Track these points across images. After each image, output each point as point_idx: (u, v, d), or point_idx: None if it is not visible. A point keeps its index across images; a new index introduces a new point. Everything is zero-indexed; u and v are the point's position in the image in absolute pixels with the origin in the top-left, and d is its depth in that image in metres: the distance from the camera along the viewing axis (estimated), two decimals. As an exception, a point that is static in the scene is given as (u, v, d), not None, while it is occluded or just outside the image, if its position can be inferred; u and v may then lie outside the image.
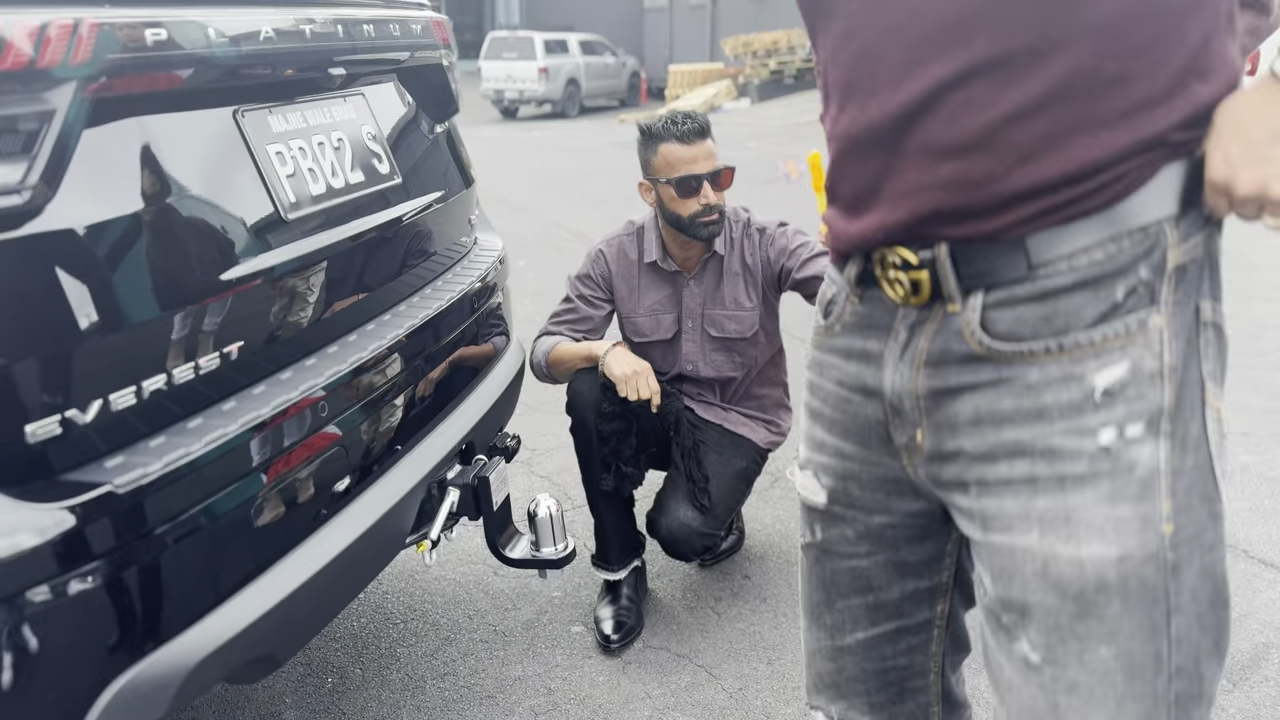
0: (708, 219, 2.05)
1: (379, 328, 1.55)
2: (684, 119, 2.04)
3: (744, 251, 2.17)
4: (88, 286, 1.04)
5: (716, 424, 2.24)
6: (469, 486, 1.61)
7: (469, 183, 2.04)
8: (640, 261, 2.20)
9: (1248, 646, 1.99)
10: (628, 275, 2.21)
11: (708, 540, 2.12)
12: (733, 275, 2.17)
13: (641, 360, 2.03)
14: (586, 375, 2.08)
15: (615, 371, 1.99)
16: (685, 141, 2.02)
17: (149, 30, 1.12)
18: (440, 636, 2.17)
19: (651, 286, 2.20)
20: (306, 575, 1.27)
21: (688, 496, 2.10)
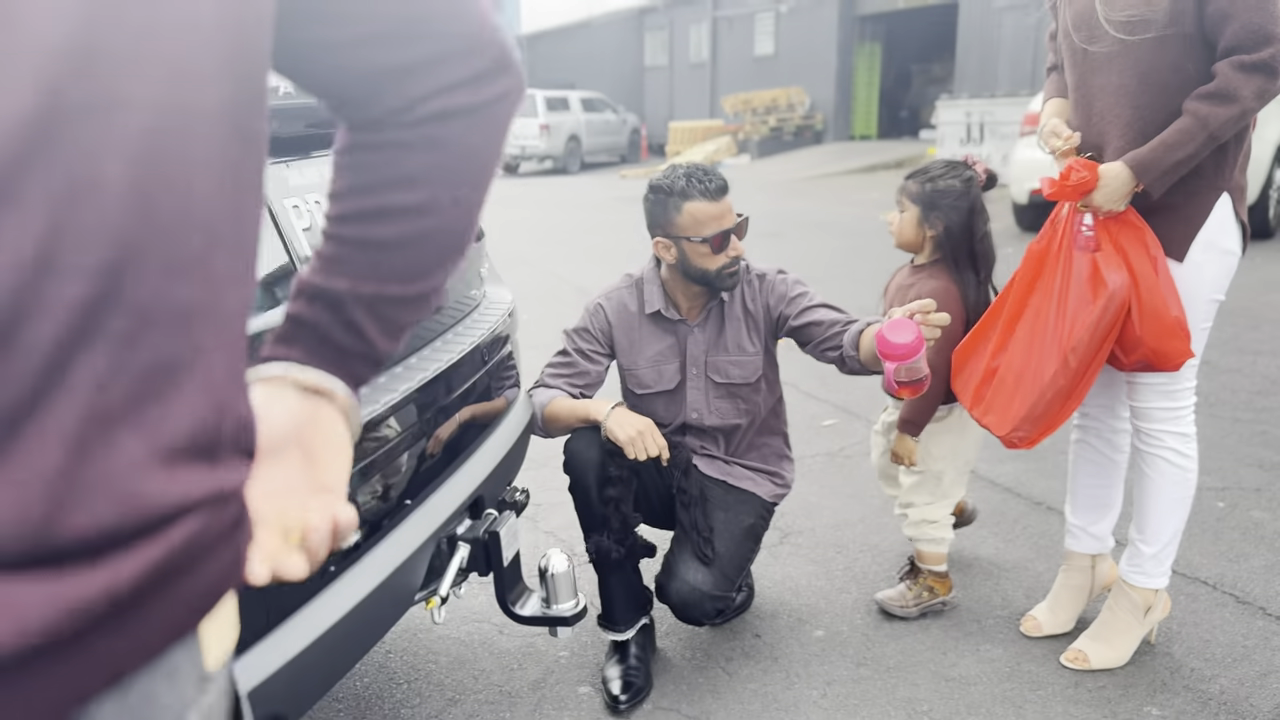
0: (732, 269, 2.07)
1: (390, 380, 1.54)
2: (705, 176, 2.04)
3: (745, 297, 2.16)
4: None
5: (720, 479, 2.21)
6: (479, 541, 1.58)
7: (479, 236, 2.04)
8: (641, 313, 2.19)
9: (1270, 706, 1.94)
10: (629, 328, 2.20)
11: (720, 603, 2.08)
12: (735, 321, 2.16)
13: (643, 418, 2.00)
14: (585, 434, 2.05)
15: (620, 435, 1.95)
16: (713, 199, 2.02)
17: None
18: (445, 698, 2.12)
19: (653, 337, 2.19)
20: (315, 634, 1.24)
21: (695, 555, 2.06)
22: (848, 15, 19.61)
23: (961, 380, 2.15)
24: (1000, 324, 2.09)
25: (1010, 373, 2.03)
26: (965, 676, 2.10)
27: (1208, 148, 1.78)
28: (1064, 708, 1.98)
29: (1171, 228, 1.89)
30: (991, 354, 2.08)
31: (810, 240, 8.55)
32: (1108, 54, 1.88)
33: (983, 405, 2.08)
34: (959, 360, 2.16)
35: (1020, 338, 2.03)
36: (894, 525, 2.84)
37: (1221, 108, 1.74)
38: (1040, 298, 2.00)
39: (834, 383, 4.25)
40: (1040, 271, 2.02)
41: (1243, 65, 1.73)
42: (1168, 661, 2.12)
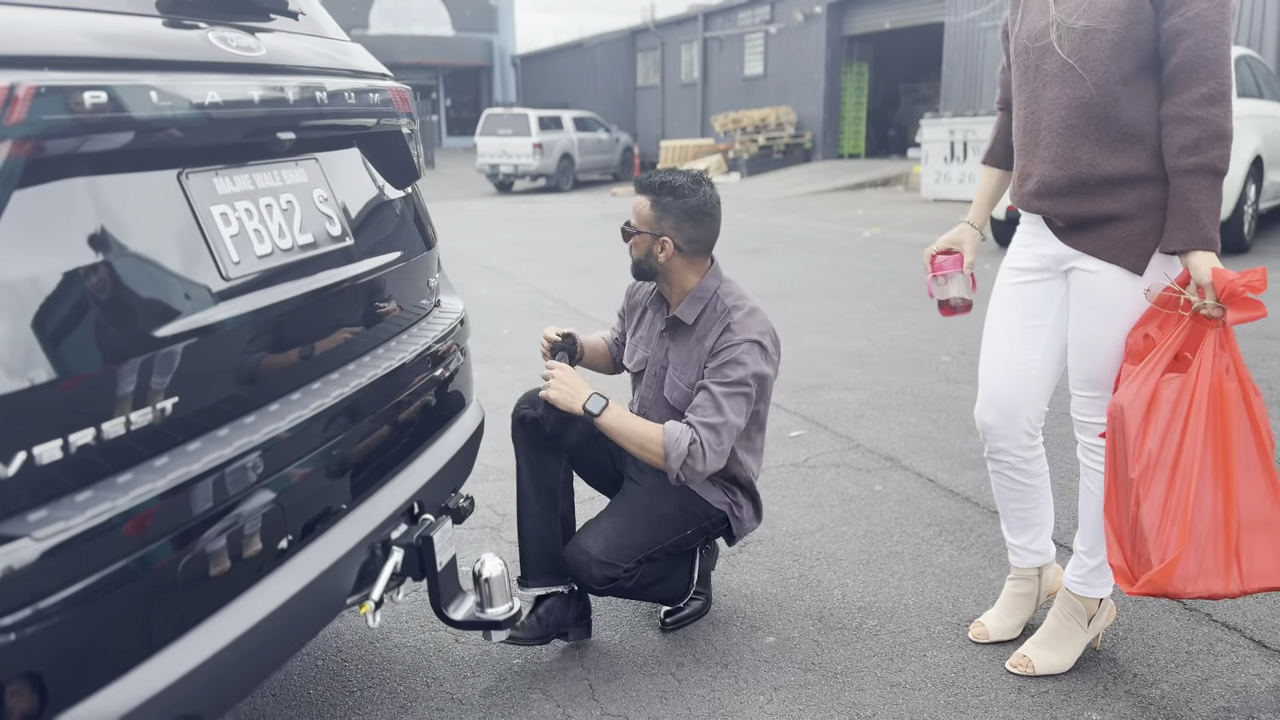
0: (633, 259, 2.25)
1: (324, 386, 1.56)
2: (645, 175, 2.22)
3: (708, 332, 2.18)
4: (12, 341, 1.05)
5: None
6: (413, 547, 1.60)
7: (429, 246, 2.07)
8: (652, 290, 2.36)
9: (1208, 711, 1.96)
10: (638, 303, 2.40)
11: (606, 571, 2.10)
12: (689, 351, 2.21)
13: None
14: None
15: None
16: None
17: (88, 94, 1.16)
18: (397, 704, 2.13)
19: (646, 320, 2.34)
20: (233, 635, 1.25)
21: (601, 526, 2.15)
22: (835, 35, 19.79)
23: (1191, 564, 1.77)
24: (1211, 475, 1.78)
25: (1255, 518, 1.77)
26: (910, 682, 2.12)
27: (1222, 183, 1.80)
28: (1005, 713, 1.99)
29: (1129, 241, 1.89)
30: (1224, 512, 1.77)
31: (791, 256, 8.60)
32: (1060, 66, 1.90)
33: (1239, 571, 1.77)
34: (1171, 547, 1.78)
35: (1248, 480, 1.78)
36: (851, 534, 2.86)
37: (1216, 149, 1.77)
38: (1241, 430, 1.78)
39: (804, 395, 4.28)
40: (1227, 407, 1.78)
41: (1209, 99, 1.76)
42: (1111, 667, 2.14)
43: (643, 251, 2.20)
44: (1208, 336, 1.78)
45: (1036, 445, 2.13)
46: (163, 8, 1.43)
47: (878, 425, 3.83)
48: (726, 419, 2.07)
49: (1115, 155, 1.87)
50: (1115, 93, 1.85)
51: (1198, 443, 1.76)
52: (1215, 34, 1.75)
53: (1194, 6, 1.76)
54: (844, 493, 3.17)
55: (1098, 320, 1.94)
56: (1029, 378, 2.08)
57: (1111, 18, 1.82)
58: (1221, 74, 1.76)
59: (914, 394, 4.23)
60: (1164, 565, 1.73)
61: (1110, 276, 1.91)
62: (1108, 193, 1.89)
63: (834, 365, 4.77)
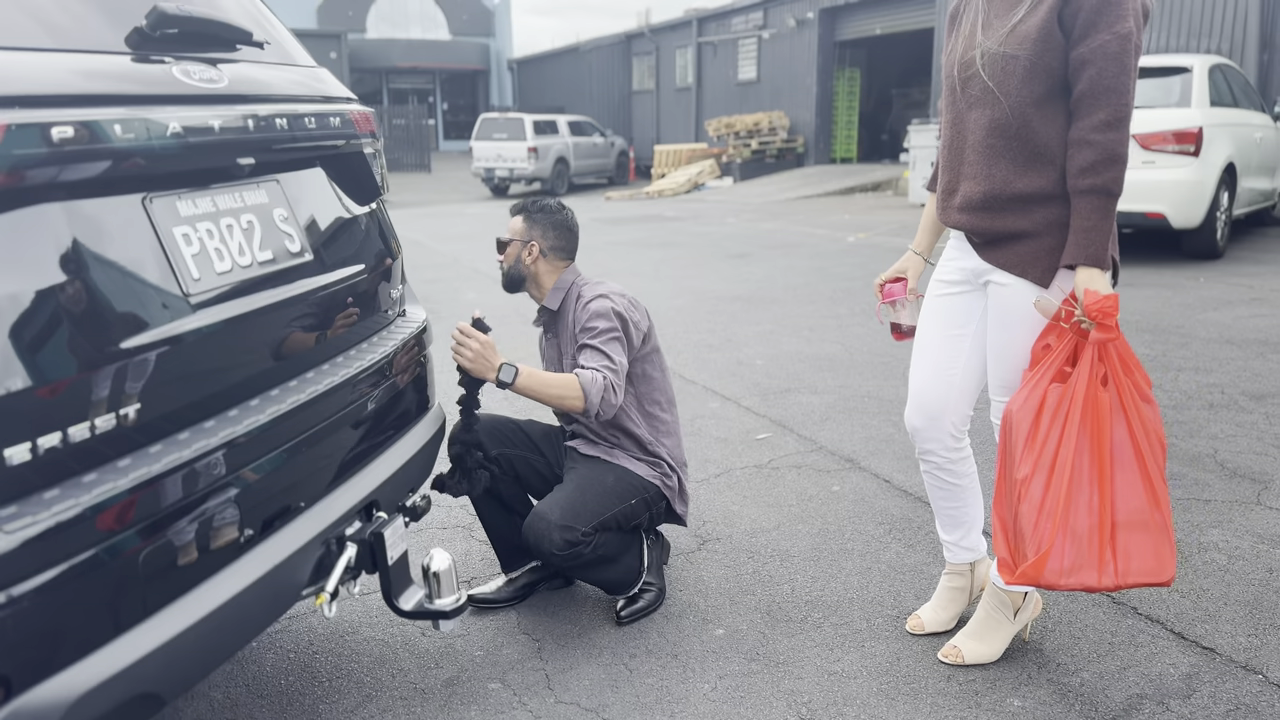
0: (503, 270, 2.60)
1: (283, 392, 1.68)
2: (513, 204, 2.62)
3: (569, 311, 2.55)
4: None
5: (599, 457, 2.55)
6: (365, 543, 1.72)
7: (392, 258, 2.19)
8: (540, 317, 2.68)
9: (1123, 698, 2.08)
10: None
11: (566, 534, 2.30)
12: (561, 334, 2.59)
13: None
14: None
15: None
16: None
17: (55, 129, 1.28)
18: (362, 694, 2.25)
19: (543, 344, 2.69)
20: (189, 622, 1.37)
21: (554, 498, 2.38)
22: (827, 41, 19.93)
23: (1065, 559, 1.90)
24: (1090, 478, 1.91)
25: (1132, 519, 1.91)
26: (847, 671, 2.24)
27: (1116, 204, 1.93)
28: (933, 700, 2.11)
29: (1036, 256, 2.01)
30: (1099, 512, 1.90)
31: (775, 261, 8.73)
32: (982, 89, 2.02)
33: (1115, 568, 1.90)
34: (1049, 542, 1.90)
35: (1125, 482, 1.92)
36: (805, 532, 2.98)
37: (1110, 172, 1.89)
38: (1122, 436, 1.92)
39: (774, 399, 4.40)
40: (1101, 414, 1.91)
41: (1107, 124, 1.88)
42: (1037, 657, 2.26)
43: (513, 258, 2.57)
44: (1087, 348, 1.91)
45: (962, 447, 2.26)
46: (131, 43, 1.55)
47: (842, 428, 3.95)
48: (614, 361, 2.40)
49: (1027, 174, 2.00)
50: (1028, 115, 1.97)
51: (1072, 447, 1.89)
52: (1115, 64, 1.87)
53: (1097, 38, 1.88)
54: (803, 493, 3.30)
55: (1010, 331, 2.07)
56: (953, 384, 2.21)
57: (1025, 45, 1.95)
58: (1119, 101, 1.88)
59: (879, 398, 4.35)
60: (1037, 558, 1.87)
61: (1020, 289, 2.03)
62: (1019, 210, 2.01)
63: (806, 369, 4.89)
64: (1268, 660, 2.19)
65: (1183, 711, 2.02)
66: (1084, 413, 1.90)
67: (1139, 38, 1.91)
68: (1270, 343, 5.02)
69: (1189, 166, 7.02)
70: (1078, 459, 1.90)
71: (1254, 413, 3.91)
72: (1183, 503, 3.08)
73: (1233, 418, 3.86)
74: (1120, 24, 1.87)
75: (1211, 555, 2.71)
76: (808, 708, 2.10)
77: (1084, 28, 1.90)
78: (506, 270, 2.59)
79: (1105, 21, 1.87)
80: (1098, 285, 1.91)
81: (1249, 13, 11.48)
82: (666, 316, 6.32)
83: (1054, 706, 2.07)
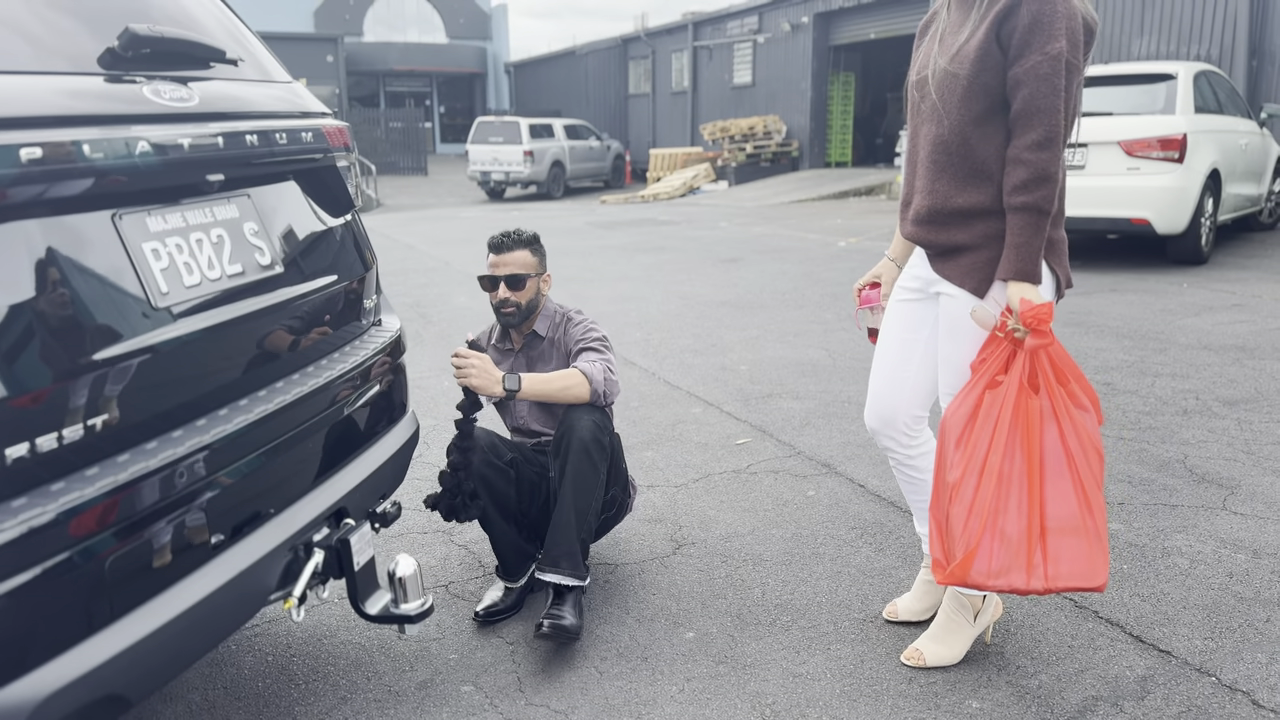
0: (504, 310, 2.64)
1: (251, 402, 1.72)
2: (501, 235, 2.63)
3: (560, 335, 2.69)
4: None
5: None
6: (332, 548, 1.76)
7: (366, 268, 2.24)
8: (489, 342, 2.81)
9: (1078, 699, 2.12)
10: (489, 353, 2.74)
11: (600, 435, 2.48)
12: (544, 352, 2.70)
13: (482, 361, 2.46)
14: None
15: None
16: (492, 251, 2.64)
17: (24, 150, 1.32)
18: (337, 696, 2.29)
19: (499, 363, 2.76)
20: (156, 624, 1.42)
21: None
22: (822, 45, 20.01)
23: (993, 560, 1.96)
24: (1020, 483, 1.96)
25: (1063, 524, 1.96)
26: (812, 673, 2.28)
27: (1049, 220, 1.98)
28: (894, 702, 2.16)
29: (974, 268, 2.08)
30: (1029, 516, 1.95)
31: (765, 265, 8.77)
32: (931, 105, 2.10)
33: (1044, 571, 1.95)
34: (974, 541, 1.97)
35: (1057, 487, 1.97)
36: (778, 537, 3.03)
37: (1041, 190, 1.95)
38: (1054, 443, 1.98)
39: (755, 404, 4.45)
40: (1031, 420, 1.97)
41: (1042, 143, 1.94)
42: (998, 659, 2.31)
43: (534, 291, 2.65)
44: (1018, 357, 1.97)
45: (918, 444, 2.33)
46: (103, 64, 1.60)
47: (821, 433, 4.00)
48: (610, 358, 2.59)
49: (966, 190, 2.06)
50: (967, 132, 2.04)
51: (1001, 452, 1.95)
52: (1046, 85, 1.92)
53: (1030, 60, 1.93)
54: (779, 498, 3.34)
55: (956, 340, 2.13)
56: (905, 387, 2.29)
57: (965, 64, 2.01)
58: (1050, 121, 1.93)
59: (859, 403, 4.40)
60: (963, 557, 1.94)
61: (964, 301, 2.10)
62: (959, 224, 2.08)
63: (789, 374, 4.94)
64: (1221, 663, 2.24)
65: (1136, 713, 2.07)
66: (1014, 418, 1.96)
67: (1075, 55, 1.95)
68: (1247, 349, 5.08)
69: (1173, 173, 7.08)
70: (1007, 463, 1.95)
71: (1226, 418, 3.96)
72: (1150, 508, 3.13)
73: (1205, 423, 3.91)
74: (1051, 44, 1.91)
75: (1174, 560, 2.76)
76: (771, 709, 2.15)
77: (1018, 48, 1.95)
78: (525, 305, 2.63)
79: (1038, 42, 1.92)
80: (1030, 296, 1.97)
81: (1238, 19, 11.54)
82: (655, 321, 6.37)
83: (1011, 708, 2.11)
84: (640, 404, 4.49)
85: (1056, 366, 1.98)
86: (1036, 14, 1.92)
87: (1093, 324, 5.78)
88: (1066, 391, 1.99)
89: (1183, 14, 12.20)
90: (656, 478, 3.57)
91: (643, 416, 4.30)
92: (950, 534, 1.99)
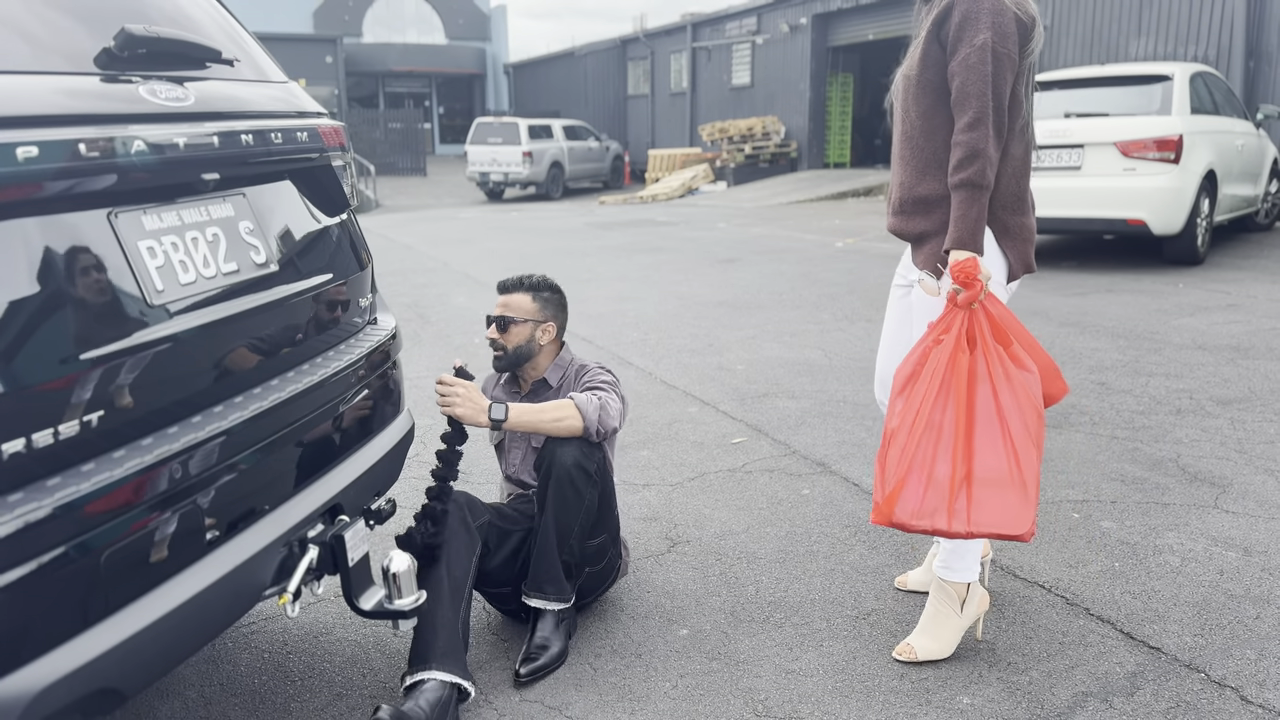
0: (494, 351, 2.56)
1: (246, 400, 1.74)
2: (512, 278, 2.58)
3: (567, 385, 2.57)
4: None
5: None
6: (326, 545, 1.78)
7: (361, 267, 2.26)
8: (497, 384, 2.70)
9: (1068, 695, 2.14)
10: (489, 389, 2.72)
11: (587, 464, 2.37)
12: (550, 399, 2.54)
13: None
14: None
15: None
16: (499, 291, 2.59)
17: (20, 149, 1.34)
18: (333, 692, 2.31)
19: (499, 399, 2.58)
20: (151, 619, 1.43)
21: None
22: (820, 46, 20.04)
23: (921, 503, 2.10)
24: (950, 433, 2.09)
25: (989, 475, 2.08)
26: (804, 670, 2.30)
27: (987, 194, 2.14)
28: (886, 698, 2.18)
29: (934, 252, 2.26)
30: (955, 464, 2.08)
31: (762, 266, 8.79)
32: (900, 105, 2.32)
33: (967, 517, 2.08)
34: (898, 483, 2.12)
35: (986, 440, 2.09)
36: (773, 535, 3.04)
37: (973, 166, 2.11)
38: (985, 398, 2.10)
39: (751, 404, 4.46)
40: (960, 376, 2.10)
41: (972, 124, 2.12)
42: (989, 656, 2.32)
43: (523, 338, 2.54)
44: (957, 318, 2.14)
45: None
46: (99, 64, 1.61)
47: (816, 432, 4.02)
48: (614, 394, 2.46)
49: (925, 180, 2.25)
50: (919, 126, 2.25)
51: (931, 402, 2.10)
52: (974, 74, 2.11)
53: (960, 53, 2.13)
54: (773, 496, 3.36)
55: (924, 323, 2.29)
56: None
57: (913, 65, 2.24)
58: (979, 104, 2.11)
59: (854, 403, 4.42)
60: (889, 494, 2.09)
61: (931, 286, 2.30)
62: (922, 212, 2.27)
63: (785, 374, 4.96)
64: (1210, 659, 2.26)
65: (1125, 709, 2.08)
66: (947, 373, 2.12)
67: (1004, 45, 2.11)
68: (1242, 349, 5.10)
69: (1169, 174, 7.10)
70: (939, 414, 2.10)
71: (1219, 418, 3.98)
72: (1142, 506, 3.14)
73: (1198, 423, 3.93)
74: (977, 36, 2.10)
75: (1165, 558, 2.78)
76: (764, 705, 2.16)
77: (952, 45, 2.16)
78: (512, 350, 2.53)
79: (966, 37, 2.12)
80: (969, 269, 2.12)
81: (1235, 20, 11.57)
82: (652, 322, 6.39)
83: (1002, 704, 2.13)
84: (637, 403, 4.51)
85: (997, 328, 2.13)
86: (965, 13, 2.12)
87: (1088, 324, 5.80)
88: (1008, 353, 2.13)
89: (1180, 15, 12.22)
90: (652, 476, 3.58)
91: (639, 416, 4.32)
92: (885, 477, 2.14)
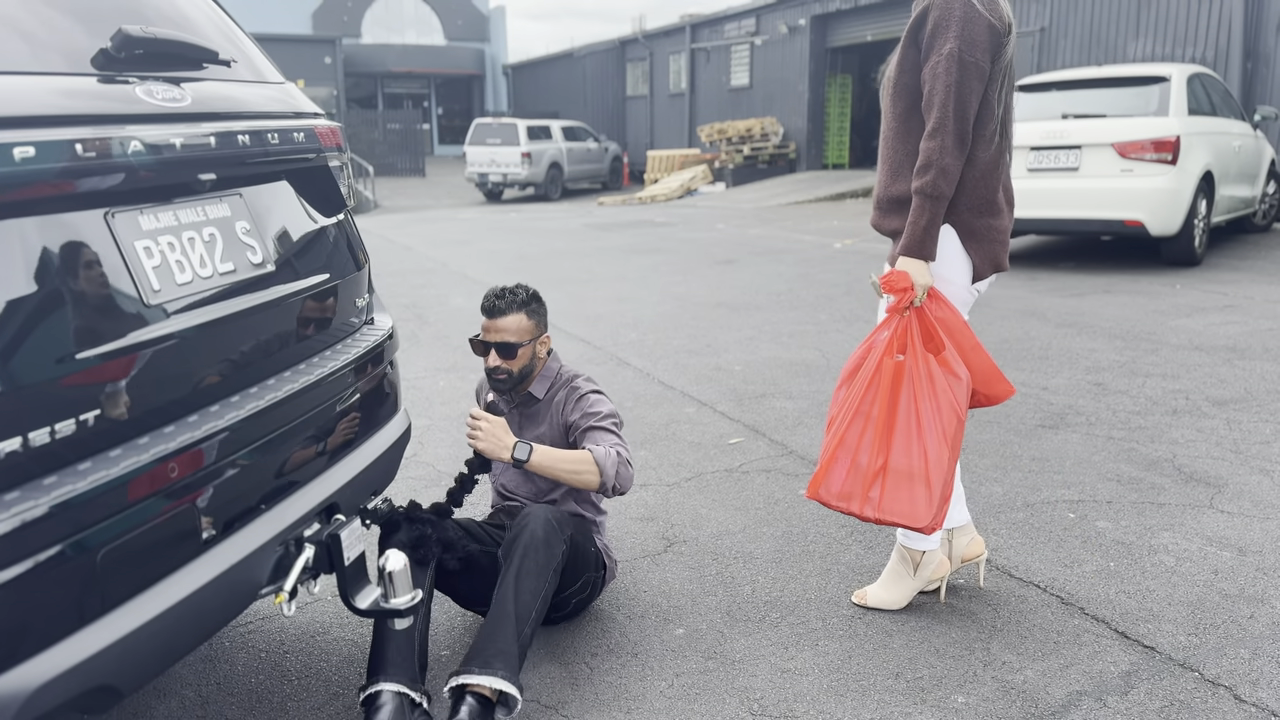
0: (496, 375, 2.49)
1: (243, 399, 1.74)
2: (497, 297, 2.47)
3: (557, 401, 2.52)
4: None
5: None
6: (322, 544, 1.78)
7: (358, 267, 2.26)
8: (482, 396, 2.67)
9: (1063, 695, 2.15)
10: (482, 396, 2.68)
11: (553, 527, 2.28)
12: (538, 417, 2.55)
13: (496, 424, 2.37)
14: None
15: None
16: (486, 315, 2.49)
17: (18, 149, 1.35)
18: (329, 692, 2.31)
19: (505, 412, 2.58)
20: (148, 616, 1.44)
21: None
22: (819, 48, 20.05)
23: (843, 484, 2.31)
24: (875, 426, 2.28)
25: (901, 469, 2.26)
26: (799, 669, 2.30)
27: (942, 203, 2.22)
28: (880, 696, 2.18)
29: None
30: (873, 455, 2.28)
31: (760, 267, 8.80)
32: (882, 103, 2.41)
33: (878, 504, 2.27)
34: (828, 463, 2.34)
35: (902, 437, 2.26)
36: (769, 535, 3.05)
37: (928, 175, 2.20)
38: (908, 399, 2.27)
39: (749, 404, 4.47)
40: (884, 377, 2.28)
41: (931, 134, 2.19)
42: (984, 655, 2.33)
43: (528, 359, 2.49)
44: (892, 320, 2.28)
45: None
46: (96, 64, 1.62)
47: (813, 433, 4.02)
48: (623, 440, 2.44)
49: (898, 180, 2.33)
50: (894, 128, 2.33)
51: (860, 397, 2.30)
52: (940, 83, 2.18)
53: (930, 61, 2.22)
54: (770, 496, 3.37)
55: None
56: None
57: (892, 69, 2.32)
58: (940, 114, 2.19)
59: (852, 403, 4.42)
60: (814, 475, 2.35)
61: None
62: (895, 210, 2.36)
63: (783, 375, 4.97)
64: (1204, 658, 2.26)
65: (1119, 707, 2.09)
66: (874, 373, 2.29)
67: (973, 53, 2.17)
68: (1238, 349, 5.11)
69: (1167, 175, 7.11)
70: (867, 408, 2.29)
71: (1215, 418, 3.99)
72: (1137, 506, 3.15)
73: (1194, 423, 3.94)
74: (945, 46, 2.17)
75: (1160, 557, 2.78)
76: (759, 704, 2.17)
77: (925, 53, 2.23)
78: (517, 372, 2.47)
79: (935, 46, 2.20)
80: (906, 269, 2.24)
81: (1233, 21, 11.59)
82: (650, 323, 6.39)
83: (996, 703, 2.13)
84: (634, 404, 4.52)
85: (929, 334, 2.26)
86: (936, 20, 2.20)
87: (1086, 325, 5.81)
88: (938, 359, 2.25)
89: (1178, 16, 12.24)
90: (649, 476, 3.59)
91: (637, 416, 4.32)
92: (821, 457, 2.36)
